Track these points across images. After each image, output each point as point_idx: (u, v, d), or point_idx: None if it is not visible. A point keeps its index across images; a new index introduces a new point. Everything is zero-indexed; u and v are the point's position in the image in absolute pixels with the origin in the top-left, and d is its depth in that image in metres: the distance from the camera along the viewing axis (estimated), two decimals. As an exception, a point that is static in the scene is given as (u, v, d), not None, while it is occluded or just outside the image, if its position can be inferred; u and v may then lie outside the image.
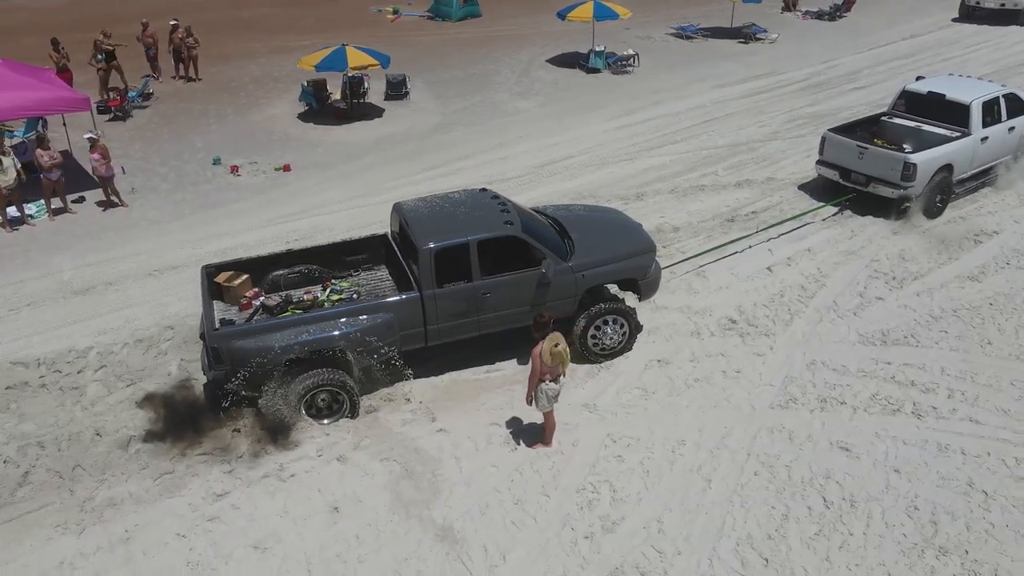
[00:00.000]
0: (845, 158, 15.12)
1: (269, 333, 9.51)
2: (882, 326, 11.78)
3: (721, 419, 10.00)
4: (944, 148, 14.74)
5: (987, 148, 15.37)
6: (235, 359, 9.32)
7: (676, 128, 19.82)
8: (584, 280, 10.73)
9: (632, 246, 11.30)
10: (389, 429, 9.82)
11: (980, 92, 15.44)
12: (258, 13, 33.81)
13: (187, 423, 9.77)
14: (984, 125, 15.14)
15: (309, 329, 9.60)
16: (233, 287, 10.45)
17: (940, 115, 15.33)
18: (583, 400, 10.36)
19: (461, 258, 10.03)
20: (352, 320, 9.76)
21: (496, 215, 10.55)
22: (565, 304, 10.71)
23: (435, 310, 10.06)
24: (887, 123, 16.02)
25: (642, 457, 9.38)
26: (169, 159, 18.27)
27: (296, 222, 15.14)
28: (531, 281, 10.34)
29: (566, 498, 8.81)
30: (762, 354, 11.25)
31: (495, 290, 10.23)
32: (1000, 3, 29.29)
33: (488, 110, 21.70)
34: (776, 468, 9.20)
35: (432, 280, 9.94)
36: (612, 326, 10.92)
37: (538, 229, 10.82)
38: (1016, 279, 12.92)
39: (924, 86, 16.04)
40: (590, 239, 11.13)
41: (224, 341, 9.36)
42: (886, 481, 9.01)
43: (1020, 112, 15.75)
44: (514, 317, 10.49)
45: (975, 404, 10.16)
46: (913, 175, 14.22)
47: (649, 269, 11.35)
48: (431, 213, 10.66)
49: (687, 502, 8.76)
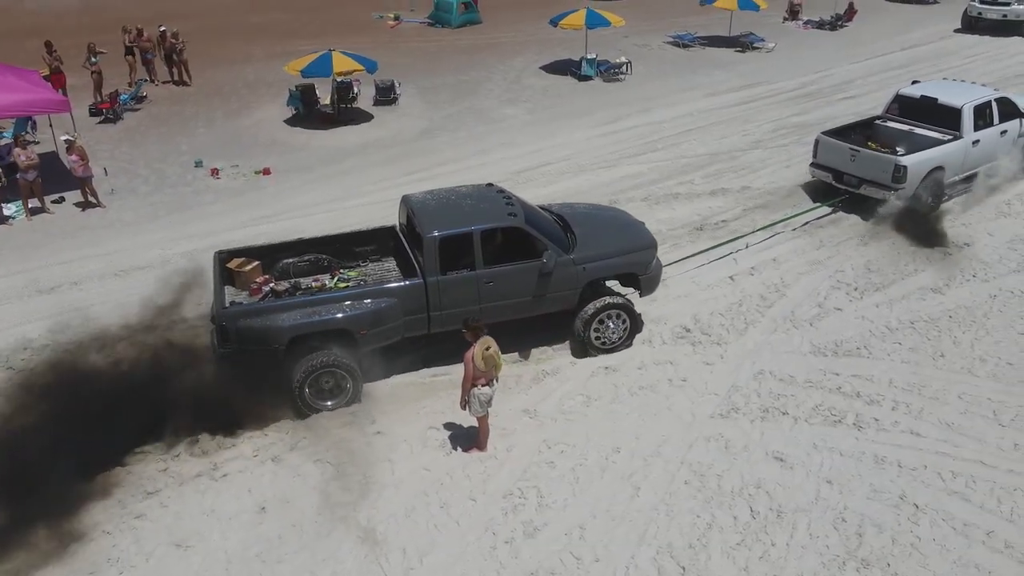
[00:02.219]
0: (838, 160, 15.28)
1: (276, 313, 9.81)
2: (836, 337, 11.71)
3: (660, 427, 9.98)
4: (935, 151, 14.94)
5: (979, 151, 15.56)
6: (242, 338, 9.63)
7: (659, 136, 19.82)
8: (585, 273, 11.00)
9: (633, 242, 11.59)
10: (328, 430, 9.88)
11: (972, 96, 15.66)
12: (268, 19, 34.25)
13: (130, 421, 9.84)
14: (976, 128, 15.36)
15: (315, 311, 9.89)
16: (244, 273, 10.82)
17: (932, 119, 15.56)
18: (525, 405, 10.38)
19: (465, 247, 10.35)
20: (357, 303, 10.04)
21: (500, 207, 10.90)
22: (567, 296, 11.04)
23: (438, 297, 10.35)
24: (880, 126, 16.26)
25: (574, 464, 9.38)
26: (153, 162, 18.50)
27: (267, 225, 15.28)
28: (533, 272, 10.63)
29: (492, 503, 8.83)
30: (711, 363, 11.22)
31: (498, 279, 10.52)
32: (1002, 14, 29.04)
33: (475, 116, 21.80)
34: (707, 477, 9.17)
35: (436, 267, 10.26)
36: (615, 321, 11.17)
37: (541, 222, 11.12)
38: (980, 292, 12.80)
39: (917, 90, 16.30)
40: (592, 234, 11.44)
41: (232, 320, 9.68)
42: (817, 492, 8.96)
43: (1012, 116, 15.99)
44: (516, 307, 10.81)
45: (918, 417, 10.08)
46: (904, 177, 14.41)
47: (650, 265, 11.60)
48: (437, 204, 11.02)
49: (613, 509, 8.75)
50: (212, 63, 26.06)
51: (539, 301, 10.90)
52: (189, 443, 9.54)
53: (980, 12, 29.53)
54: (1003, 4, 28.94)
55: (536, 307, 10.98)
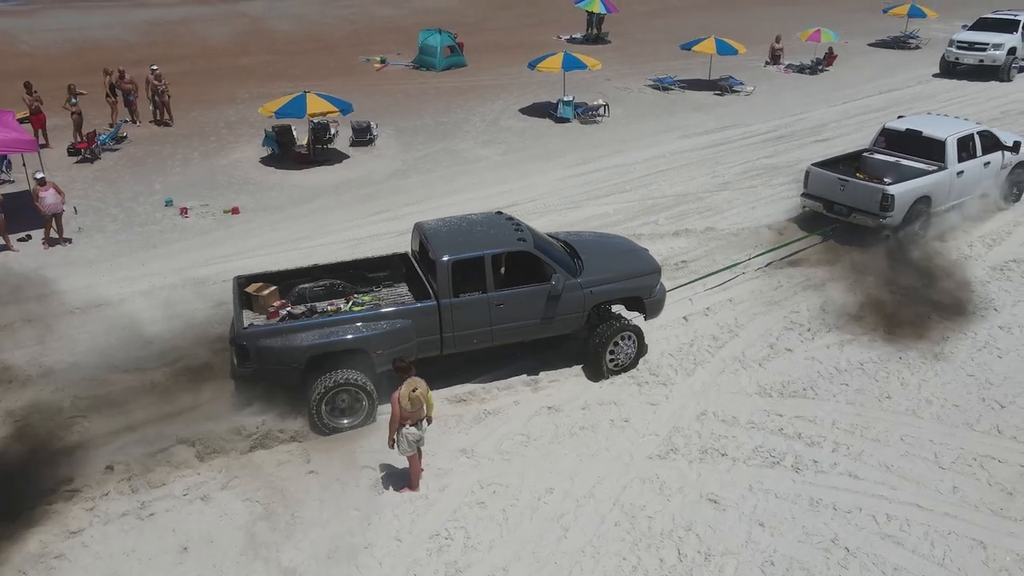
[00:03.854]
0: (828, 190, 15.91)
1: (295, 333, 10.14)
2: (784, 378, 11.67)
3: (597, 468, 9.91)
4: (921, 180, 15.60)
5: (963, 182, 16.22)
6: (262, 358, 9.99)
7: (629, 177, 19.94)
8: (592, 296, 11.43)
9: (637, 267, 12.03)
10: (262, 469, 9.83)
11: (955, 129, 16.44)
12: (257, 60, 34.69)
13: (61, 459, 9.81)
14: (960, 160, 16.03)
15: (333, 331, 10.27)
16: (262, 297, 11.22)
17: (918, 151, 16.29)
18: (464, 445, 10.32)
19: (476, 271, 10.78)
20: (373, 324, 10.39)
21: (510, 233, 11.35)
22: (574, 319, 11.46)
23: (451, 319, 10.72)
24: (868, 158, 17.00)
25: (506, 504, 9.30)
26: (124, 200, 18.63)
27: (229, 263, 15.31)
28: (542, 294, 11.04)
29: (418, 544, 8.74)
30: (656, 404, 11.18)
31: (508, 302, 10.91)
32: (979, 59, 29.33)
33: (450, 157, 21.97)
34: (638, 519, 9.08)
35: (449, 290, 10.63)
36: (626, 342, 11.60)
37: (549, 247, 11.54)
38: (932, 333, 12.74)
39: (903, 124, 17.11)
40: (598, 259, 11.92)
41: (252, 340, 10.05)
42: (748, 535, 8.86)
43: (994, 148, 16.73)
44: (526, 329, 11.22)
45: (858, 459, 10.00)
46: (891, 205, 14.99)
47: (654, 289, 11.99)
48: (449, 230, 11.44)
49: (539, 551, 8.65)
50: (197, 104, 26.37)
51: (547, 323, 11.31)
52: (119, 481, 9.45)
53: (958, 57, 29.84)
54: (980, 49, 29.23)
55: (544, 329, 11.39)
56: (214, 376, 11.24)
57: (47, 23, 41.86)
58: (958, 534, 8.87)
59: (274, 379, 10.20)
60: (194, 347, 12.13)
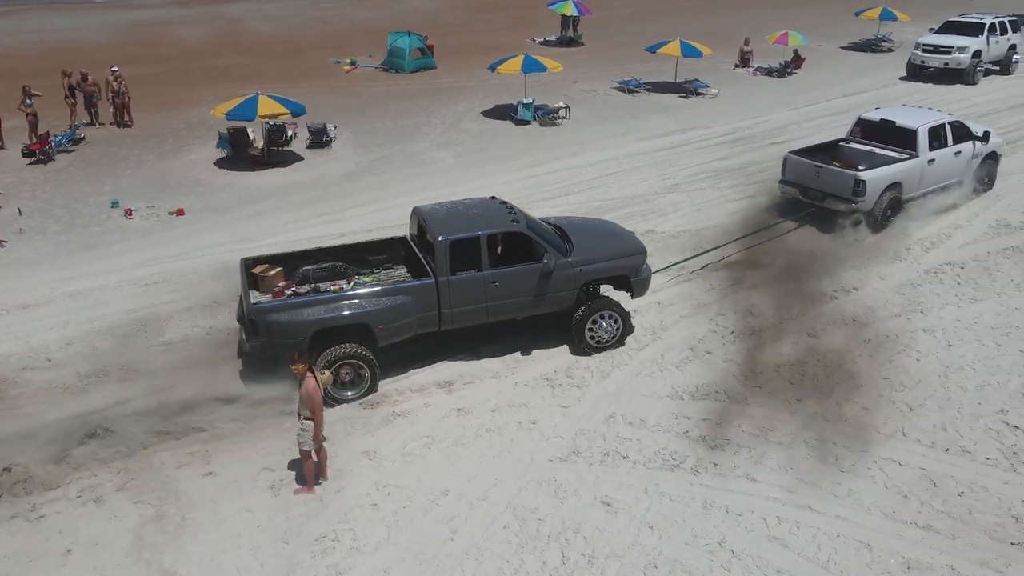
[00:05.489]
0: (804, 177, 16.73)
1: (301, 309, 10.80)
2: (699, 380, 11.67)
3: (496, 470, 9.91)
4: (892, 167, 16.37)
5: (934, 170, 16.98)
6: (270, 332, 10.64)
7: (579, 180, 19.95)
8: (582, 275, 12.04)
9: (625, 247, 12.69)
10: (161, 471, 9.82)
11: (927, 119, 17.20)
12: (232, 62, 34.71)
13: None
14: (931, 148, 16.76)
15: (337, 307, 10.90)
16: (268, 277, 11.84)
17: (891, 140, 17.04)
18: (368, 447, 10.32)
19: (472, 250, 11.42)
20: (375, 301, 11.06)
21: (503, 215, 12.03)
22: (565, 296, 12.07)
23: (448, 296, 11.34)
24: (844, 147, 17.78)
25: (399, 506, 9.31)
26: (71, 202, 18.64)
27: (166, 265, 15.35)
28: (535, 273, 11.68)
29: (304, 546, 8.74)
30: (567, 406, 11.18)
31: (502, 280, 11.55)
32: (944, 62, 29.36)
33: (405, 159, 21.98)
34: (528, 521, 9.08)
35: (446, 268, 11.25)
36: (608, 321, 12.17)
37: (541, 229, 12.19)
38: (855, 336, 12.79)
39: (877, 114, 17.93)
40: (588, 240, 12.56)
41: (260, 316, 10.68)
42: (636, 537, 8.86)
43: (966, 138, 17.41)
44: (519, 306, 11.86)
45: (759, 462, 10.00)
46: (863, 191, 15.75)
47: (640, 268, 12.62)
48: (446, 213, 12.10)
49: (424, 553, 8.65)
50: (164, 106, 26.38)
51: (540, 301, 11.92)
52: (12, 483, 9.45)
53: (923, 60, 29.89)
54: (944, 52, 29.27)
55: (537, 306, 11.99)
56: (134, 376, 11.29)
57: (27, 24, 41.89)
58: (846, 537, 8.87)
59: (281, 353, 10.57)
60: (116, 348, 12.17)
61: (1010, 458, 10.05)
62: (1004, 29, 30.44)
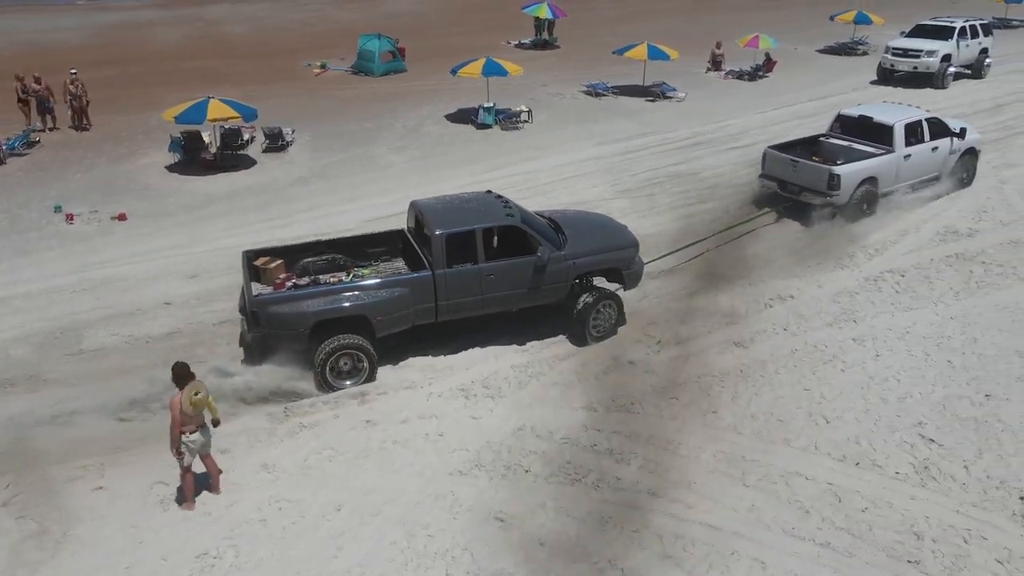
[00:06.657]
0: (782, 171, 17.19)
1: (302, 300, 11.06)
2: (615, 392, 11.48)
3: (395, 484, 9.73)
4: (867, 162, 16.78)
5: (911, 165, 17.36)
6: (272, 323, 10.86)
7: (532, 185, 19.76)
8: (575, 267, 12.35)
9: (617, 240, 13.04)
10: (50, 485, 9.62)
11: (904, 115, 17.66)
12: (202, 65, 34.43)
13: None
14: (908, 144, 17.14)
15: (336, 298, 11.15)
16: (269, 269, 12.07)
17: (869, 135, 17.47)
18: (268, 460, 10.13)
19: (468, 243, 11.62)
20: (373, 293, 11.29)
21: (499, 209, 12.28)
22: (558, 289, 12.37)
23: (445, 288, 11.57)
24: (824, 142, 18.27)
25: (288, 522, 9.12)
26: (14, 207, 18.45)
27: (100, 271, 15.19)
28: (529, 266, 11.92)
29: (184, 563, 8.55)
30: (478, 418, 10.99)
31: (498, 273, 11.78)
32: (913, 66, 29.19)
33: (359, 164, 21.80)
34: (418, 538, 8.89)
35: (443, 261, 11.46)
36: (607, 311, 12.52)
37: (535, 222, 12.46)
38: (782, 346, 12.59)
39: (856, 111, 18.32)
40: (581, 234, 12.82)
41: (262, 307, 10.91)
42: (525, 555, 8.65)
43: (943, 134, 17.75)
44: (514, 298, 12.14)
45: (663, 476, 9.82)
46: (838, 184, 16.19)
47: (632, 261, 12.95)
48: (443, 207, 12.37)
49: (306, 571, 8.47)
50: (124, 108, 26.19)
51: (534, 293, 12.19)
52: None
53: (893, 64, 29.72)
54: (913, 56, 29.09)
55: (531, 299, 12.27)
56: (43, 386, 11.13)
57: (2, 25, 41.72)
58: (740, 554, 8.69)
59: (282, 343, 10.95)
60: (28, 357, 12.00)
61: (920, 472, 9.85)
62: (976, 33, 30.25)
